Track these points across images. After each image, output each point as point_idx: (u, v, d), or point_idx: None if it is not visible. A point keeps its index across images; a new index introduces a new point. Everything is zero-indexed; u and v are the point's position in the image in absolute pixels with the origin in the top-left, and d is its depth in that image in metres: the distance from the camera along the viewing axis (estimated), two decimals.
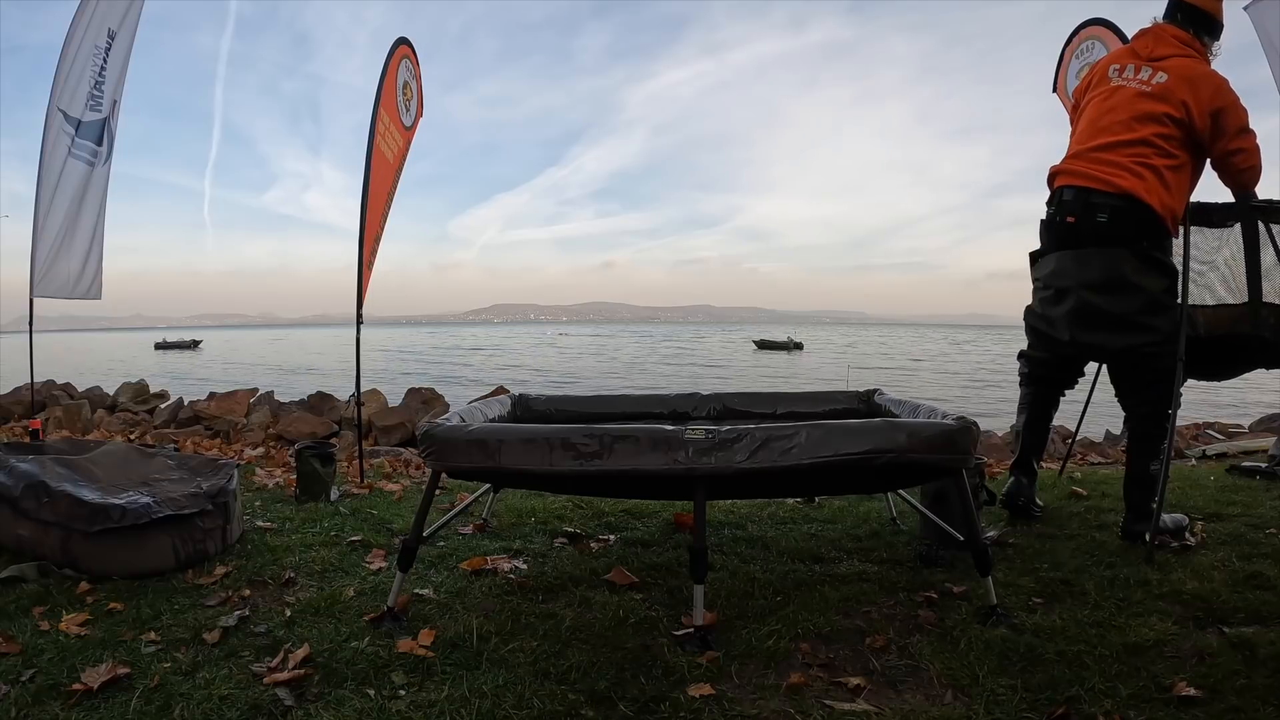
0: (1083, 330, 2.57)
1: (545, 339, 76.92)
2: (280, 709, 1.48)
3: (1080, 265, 2.51)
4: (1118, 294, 2.44)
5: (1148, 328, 2.43)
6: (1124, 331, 2.46)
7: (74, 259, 5.14)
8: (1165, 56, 2.48)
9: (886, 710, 1.49)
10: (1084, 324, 2.56)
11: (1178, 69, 2.44)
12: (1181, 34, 2.51)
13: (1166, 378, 2.43)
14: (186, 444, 6.00)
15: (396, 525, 2.87)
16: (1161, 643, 1.74)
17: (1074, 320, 2.58)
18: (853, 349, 53.25)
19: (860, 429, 1.81)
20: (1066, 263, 2.56)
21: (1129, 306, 2.44)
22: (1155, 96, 2.44)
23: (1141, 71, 2.51)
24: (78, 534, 2.20)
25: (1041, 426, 2.86)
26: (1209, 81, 2.41)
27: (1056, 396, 2.87)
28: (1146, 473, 2.50)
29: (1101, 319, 2.50)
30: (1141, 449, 2.53)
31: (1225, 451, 4.89)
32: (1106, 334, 2.51)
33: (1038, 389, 2.85)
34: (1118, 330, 2.48)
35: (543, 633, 1.82)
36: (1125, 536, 2.52)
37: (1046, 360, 2.80)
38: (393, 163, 4.16)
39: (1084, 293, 2.52)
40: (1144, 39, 2.57)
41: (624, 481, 2.12)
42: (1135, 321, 2.44)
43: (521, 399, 2.91)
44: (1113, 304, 2.46)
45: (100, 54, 5.07)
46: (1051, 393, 2.85)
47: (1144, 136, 2.42)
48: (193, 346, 55.18)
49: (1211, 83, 2.42)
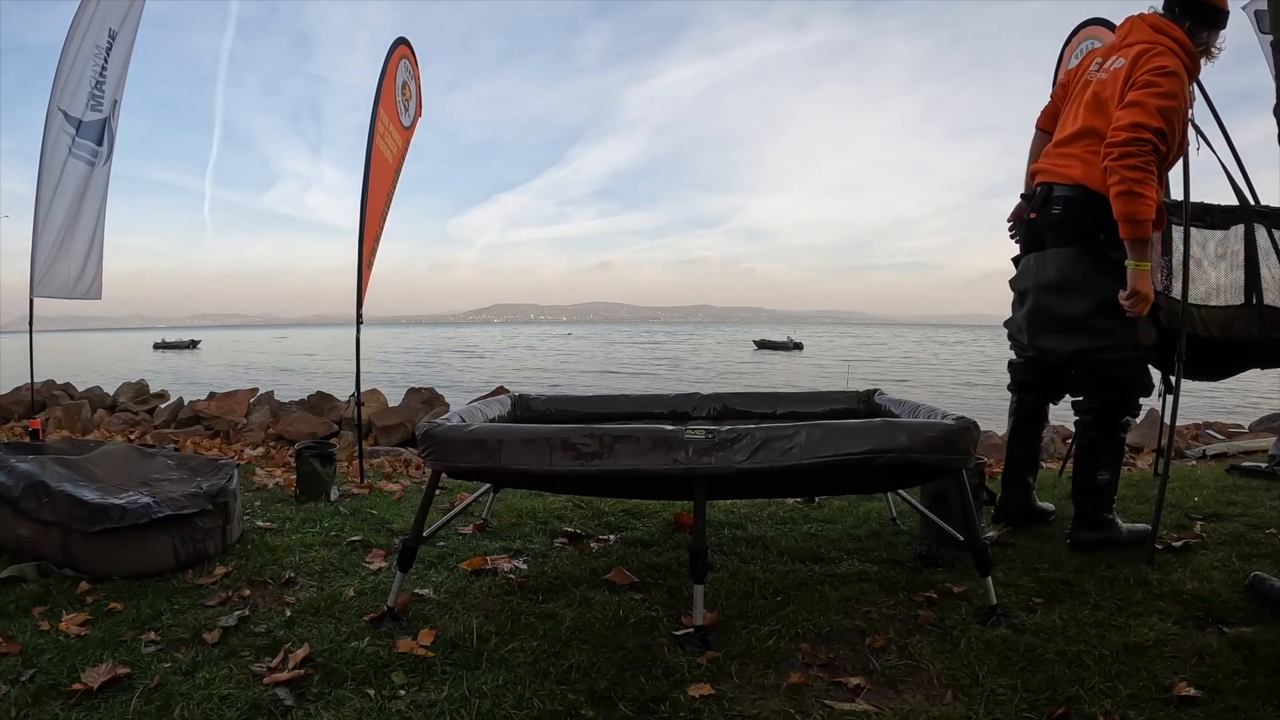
0: (1037, 332, 2.50)
1: (550, 337, 77.01)
2: (280, 709, 1.48)
3: (1038, 266, 2.46)
4: (1069, 295, 2.37)
5: (1099, 331, 2.33)
6: (1074, 334, 2.38)
7: (74, 259, 5.14)
8: (1133, 43, 2.33)
9: (886, 710, 1.48)
10: (1038, 326, 2.49)
11: (1135, 52, 2.28)
12: (1163, 23, 2.34)
13: (1117, 386, 2.36)
14: (186, 444, 6.00)
15: (396, 525, 2.87)
16: (1161, 643, 1.73)
17: (1030, 322, 2.51)
18: (852, 349, 53.26)
19: (860, 429, 1.81)
20: (1029, 264, 2.52)
21: (1079, 308, 2.35)
22: (1109, 82, 2.33)
23: (1111, 61, 2.38)
24: (78, 534, 2.20)
25: (1028, 438, 2.73)
26: (1160, 60, 2.21)
27: (1043, 406, 2.73)
28: (1094, 482, 2.41)
29: (1053, 321, 2.43)
30: (1088, 458, 2.44)
31: (1225, 451, 4.88)
32: (1057, 336, 2.43)
33: (1022, 397, 2.73)
34: (1068, 332, 2.39)
35: (543, 633, 1.82)
36: (1073, 545, 2.44)
37: (1026, 367, 2.70)
38: (392, 163, 4.16)
39: (1039, 294, 2.46)
40: (1123, 27, 2.46)
41: (624, 481, 2.12)
42: (1086, 324, 2.35)
43: (521, 399, 2.91)
44: (1064, 305, 2.39)
45: (101, 54, 5.07)
46: (1037, 401, 2.72)
47: (1092, 125, 2.33)
48: (191, 346, 55.20)
49: (1161, 61, 2.21)
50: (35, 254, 4.92)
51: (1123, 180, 2.15)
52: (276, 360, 38.23)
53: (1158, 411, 4.41)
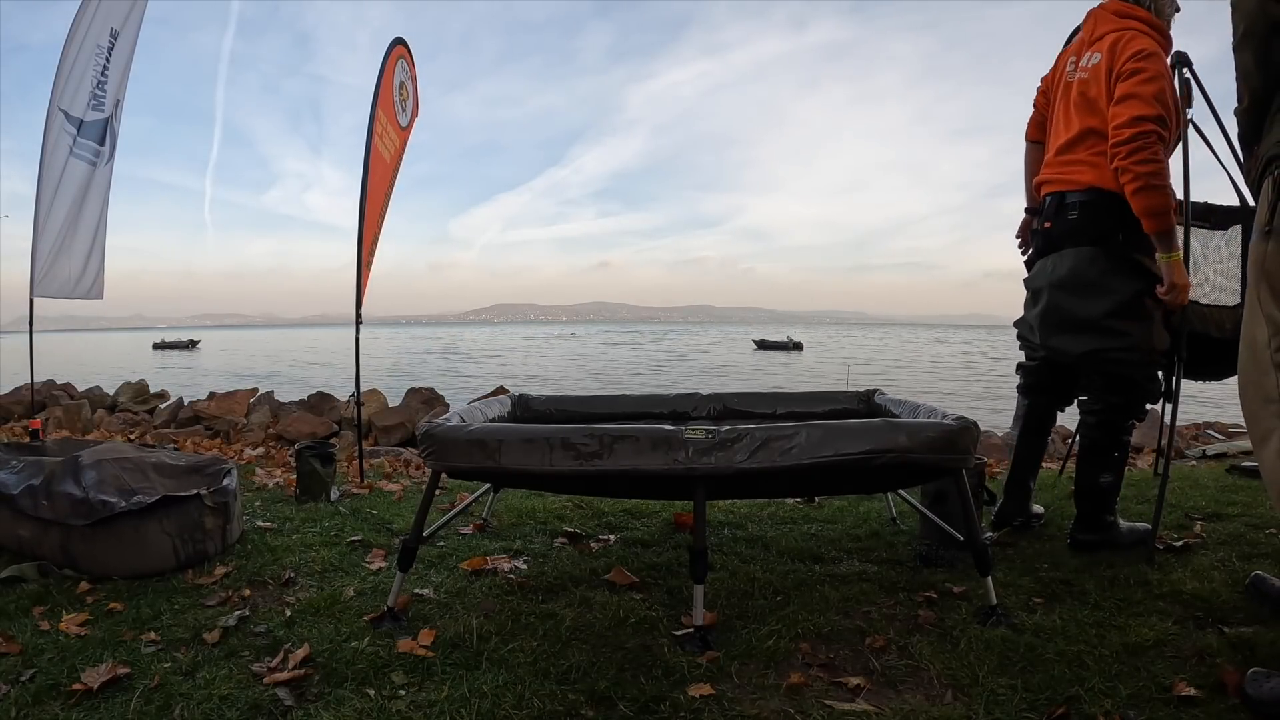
0: (1049, 332, 2.47)
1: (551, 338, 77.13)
2: (280, 709, 1.49)
3: (1054, 264, 2.44)
4: (1085, 295, 2.34)
5: (1115, 332, 2.30)
6: (1087, 335, 2.35)
7: (75, 259, 5.14)
8: (1103, 35, 2.32)
9: (886, 710, 1.48)
10: (1051, 325, 2.46)
11: (1109, 43, 2.27)
12: (1124, 7, 2.33)
13: (1126, 388, 2.35)
14: (186, 444, 6.00)
15: (396, 525, 2.87)
16: (1161, 643, 1.73)
17: (1043, 321, 2.49)
18: (852, 349, 53.26)
19: (860, 429, 1.81)
20: (1045, 264, 2.49)
21: (1095, 309, 2.32)
22: (1091, 80, 2.31)
23: (1086, 58, 2.36)
24: (77, 530, 2.20)
25: (1036, 440, 2.70)
26: (1135, 43, 2.21)
27: (1053, 410, 2.70)
28: (1096, 484, 2.40)
29: (1066, 321, 2.40)
30: (1090, 459, 2.43)
31: (1225, 451, 4.89)
32: (1070, 336, 2.40)
33: (1033, 400, 2.70)
34: (1081, 333, 2.37)
35: (543, 633, 1.82)
36: (1073, 546, 2.43)
37: (1037, 369, 2.67)
38: (390, 163, 4.17)
39: (1053, 292, 2.43)
40: (1088, 23, 2.42)
41: (624, 481, 2.12)
42: (1101, 325, 2.32)
43: (521, 399, 2.91)
44: (1079, 305, 2.36)
45: (103, 54, 5.07)
46: (1047, 405, 2.69)
47: (1090, 126, 2.32)
48: (190, 346, 55.27)
49: (1137, 44, 2.21)
50: (35, 254, 4.92)
51: (1137, 177, 2.13)
52: (278, 360, 38.21)
53: (1158, 411, 4.41)
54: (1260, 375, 1.43)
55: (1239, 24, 1.47)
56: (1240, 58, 1.50)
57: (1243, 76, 1.52)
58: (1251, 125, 1.55)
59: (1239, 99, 1.56)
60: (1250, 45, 1.46)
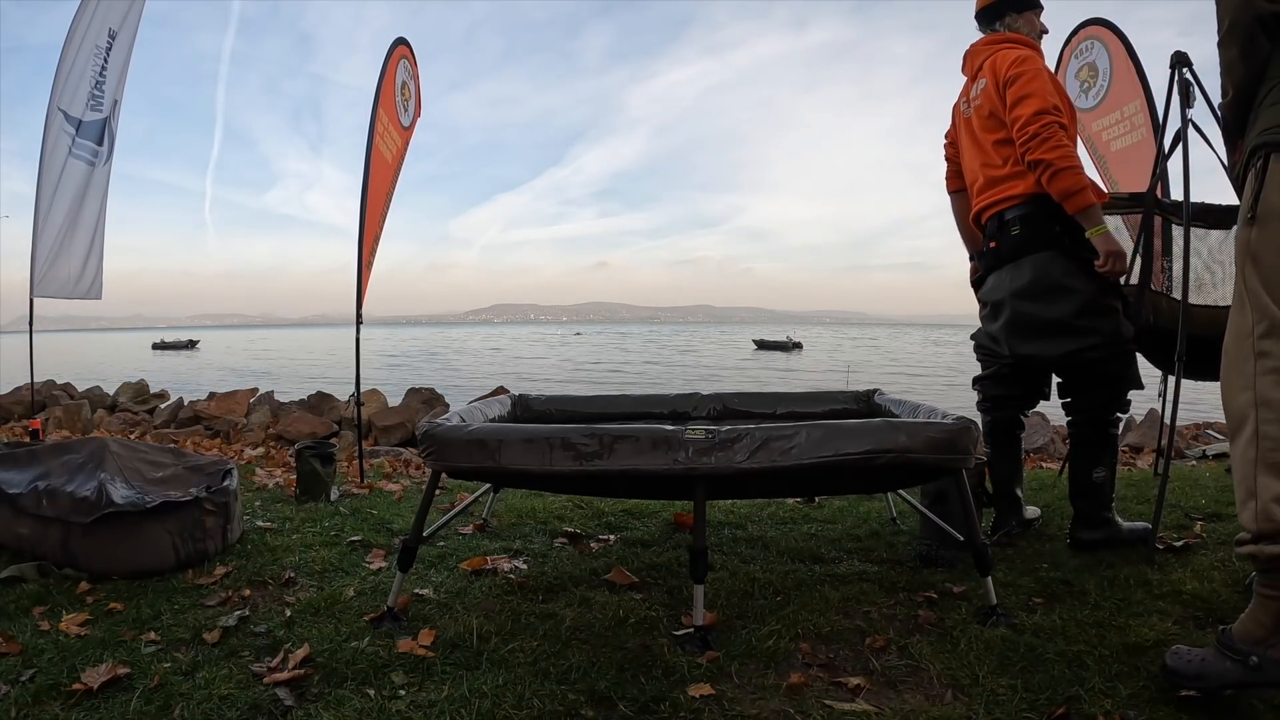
0: (1020, 341, 2.50)
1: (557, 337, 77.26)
2: (280, 709, 1.48)
3: (1012, 276, 2.48)
4: (1049, 299, 2.39)
5: (1086, 331, 2.36)
6: (1061, 337, 2.39)
7: (74, 259, 5.14)
8: (981, 64, 2.52)
9: (886, 710, 1.48)
10: (1020, 334, 2.49)
11: (988, 66, 2.47)
12: (991, 36, 2.57)
13: (1109, 383, 2.40)
14: (186, 444, 6.00)
15: (396, 525, 2.87)
16: (1161, 643, 1.73)
17: (1010, 332, 2.52)
18: (852, 349, 53.26)
19: (860, 429, 1.81)
20: (1000, 278, 2.54)
21: (1062, 311, 2.37)
22: (985, 101, 2.48)
23: (974, 90, 2.56)
24: (77, 527, 2.20)
25: (1009, 451, 2.69)
26: (1009, 54, 2.42)
27: (1019, 418, 2.71)
28: (1090, 481, 2.43)
29: (1036, 327, 2.44)
30: (1082, 456, 2.47)
31: (1225, 451, 4.89)
32: (1043, 342, 2.44)
33: (997, 415, 2.70)
34: (1054, 337, 2.41)
35: (543, 633, 1.82)
36: (1073, 545, 2.46)
37: (997, 378, 2.67)
38: (391, 163, 4.17)
39: (1016, 302, 2.47)
40: (966, 62, 2.63)
41: (624, 481, 2.12)
42: (1071, 326, 2.37)
43: (521, 399, 2.91)
44: (1045, 310, 2.40)
45: (101, 54, 5.07)
46: (1012, 415, 2.69)
47: (1001, 138, 2.45)
48: (190, 346, 55.30)
49: (1012, 54, 2.41)
50: (35, 254, 4.92)
51: (1049, 164, 2.25)
52: (278, 360, 38.20)
53: (1158, 411, 4.41)
54: (1242, 362, 1.43)
55: (1223, 18, 1.49)
56: (1224, 52, 1.51)
57: (1227, 70, 1.53)
58: (1236, 118, 1.56)
59: (1223, 93, 1.58)
60: (1234, 39, 1.47)
